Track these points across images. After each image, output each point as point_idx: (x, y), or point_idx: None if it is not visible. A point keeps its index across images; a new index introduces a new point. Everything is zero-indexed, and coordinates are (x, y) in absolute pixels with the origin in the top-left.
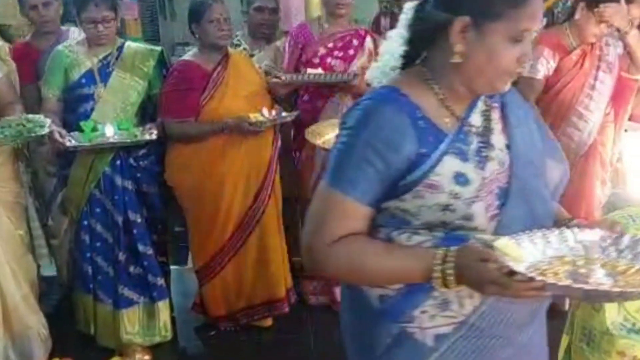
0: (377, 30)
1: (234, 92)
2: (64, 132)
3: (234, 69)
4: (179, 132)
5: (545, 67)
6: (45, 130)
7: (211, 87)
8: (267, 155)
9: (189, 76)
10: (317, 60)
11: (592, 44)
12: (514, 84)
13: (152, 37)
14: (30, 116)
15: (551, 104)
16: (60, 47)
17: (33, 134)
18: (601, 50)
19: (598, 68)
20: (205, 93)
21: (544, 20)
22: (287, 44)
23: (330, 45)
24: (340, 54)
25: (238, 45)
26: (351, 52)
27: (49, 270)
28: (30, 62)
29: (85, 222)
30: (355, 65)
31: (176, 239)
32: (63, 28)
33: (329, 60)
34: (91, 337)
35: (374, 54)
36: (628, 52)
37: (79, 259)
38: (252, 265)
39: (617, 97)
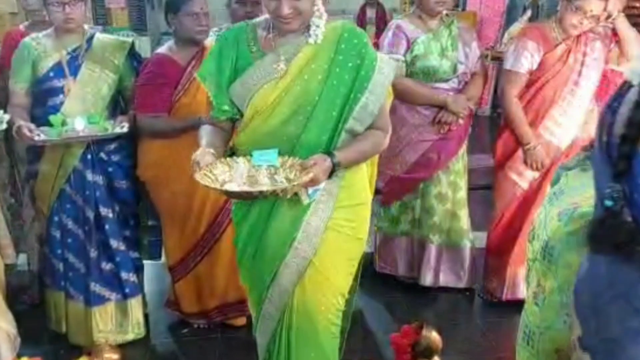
0: (363, 20)
1: None
2: (32, 126)
3: None
4: (151, 128)
5: (529, 61)
6: (3, 126)
7: (185, 82)
8: None
9: (163, 71)
10: None
11: (578, 39)
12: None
13: (139, 26)
14: None
15: (534, 99)
16: (27, 39)
17: None
18: (586, 46)
19: (582, 64)
20: (178, 87)
21: (529, 13)
22: None
23: None
24: None
25: None
26: None
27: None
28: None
29: (56, 218)
30: None
31: (149, 234)
32: None
33: None
34: (63, 335)
35: None
36: (617, 42)
37: (50, 256)
38: (225, 263)
39: (602, 94)
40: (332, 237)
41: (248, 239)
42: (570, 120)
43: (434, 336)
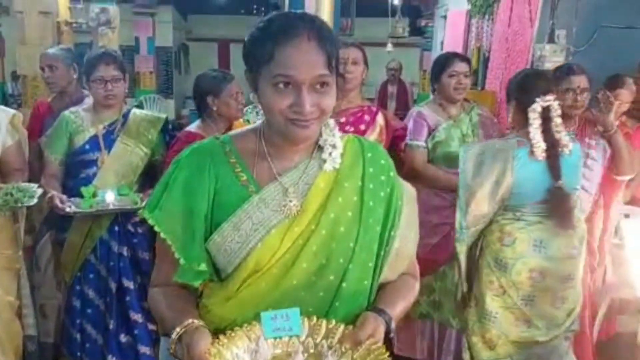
0: (384, 96)
1: None
2: (64, 197)
3: None
4: None
5: None
6: (34, 201)
7: None
8: None
9: None
10: None
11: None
12: None
13: (165, 89)
14: (22, 185)
15: None
16: (66, 112)
17: (19, 204)
18: (588, 147)
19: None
20: None
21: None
22: None
23: (342, 120)
24: (352, 129)
25: (247, 121)
26: (362, 127)
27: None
28: (42, 120)
29: (78, 288)
30: None
31: None
32: (85, 92)
33: None
34: None
35: (385, 130)
36: (612, 155)
37: (68, 325)
38: None
39: (608, 185)
40: None
41: None
42: None
43: None
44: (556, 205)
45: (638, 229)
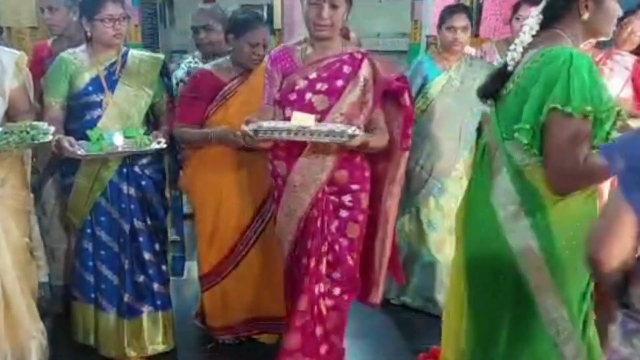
0: None
1: (243, 107)
2: (73, 140)
3: (250, 85)
4: (179, 137)
5: None
6: (49, 138)
7: (220, 98)
8: None
9: (202, 85)
10: (293, 97)
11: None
12: None
13: (151, 43)
14: (34, 123)
15: None
16: (64, 54)
17: (36, 141)
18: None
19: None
20: (213, 103)
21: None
22: (265, 74)
23: (313, 75)
24: (324, 87)
25: None
26: (339, 82)
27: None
28: (43, 63)
29: (89, 231)
30: (344, 102)
31: (173, 250)
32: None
33: (308, 96)
34: (91, 347)
35: (372, 84)
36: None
37: (79, 268)
38: (253, 278)
39: None
40: None
41: None
42: None
43: None
44: None
45: None
